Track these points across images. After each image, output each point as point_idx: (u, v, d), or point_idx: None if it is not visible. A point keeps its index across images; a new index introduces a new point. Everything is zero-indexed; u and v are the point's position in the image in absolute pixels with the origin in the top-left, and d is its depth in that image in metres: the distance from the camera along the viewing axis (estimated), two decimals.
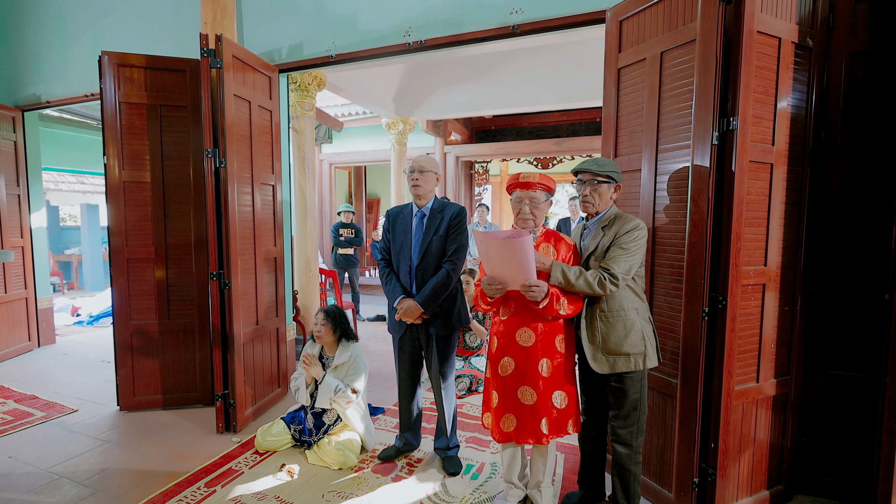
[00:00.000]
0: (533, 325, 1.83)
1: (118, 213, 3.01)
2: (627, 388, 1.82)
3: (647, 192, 2.09)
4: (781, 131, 1.92)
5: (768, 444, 2.06)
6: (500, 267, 1.74)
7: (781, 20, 1.87)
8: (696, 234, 1.87)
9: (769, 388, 2.02)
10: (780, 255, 1.98)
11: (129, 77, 2.98)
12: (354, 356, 2.62)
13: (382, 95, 5.64)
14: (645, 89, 2.09)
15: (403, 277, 2.32)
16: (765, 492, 2.07)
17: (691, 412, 1.93)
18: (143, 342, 3.11)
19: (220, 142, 2.68)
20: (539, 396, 1.82)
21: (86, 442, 2.72)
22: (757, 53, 1.81)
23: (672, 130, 1.98)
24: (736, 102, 1.79)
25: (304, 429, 2.60)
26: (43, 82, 4.21)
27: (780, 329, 2.02)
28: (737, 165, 1.80)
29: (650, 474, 2.15)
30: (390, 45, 2.87)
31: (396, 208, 2.44)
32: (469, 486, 2.26)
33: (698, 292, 1.87)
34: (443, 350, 2.34)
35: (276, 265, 3.25)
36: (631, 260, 1.76)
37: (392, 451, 2.53)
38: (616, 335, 1.79)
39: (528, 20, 2.54)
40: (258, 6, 3.26)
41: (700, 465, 1.95)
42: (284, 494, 2.19)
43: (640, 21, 2.12)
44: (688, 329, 1.92)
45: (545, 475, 2.04)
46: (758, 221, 1.90)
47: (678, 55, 1.95)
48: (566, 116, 7.34)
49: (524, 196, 1.85)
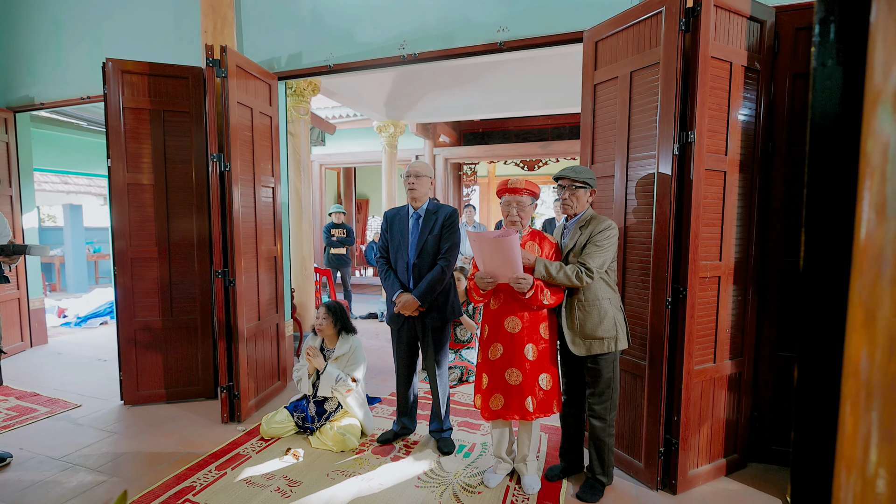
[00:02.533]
0: (520, 314, 2.06)
1: (122, 214, 3.14)
2: (602, 369, 2.07)
3: (619, 196, 2.35)
4: (734, 143, 2.20)
5: (724, 418, 2.34)
6: (491, 262, 1.97)
7: (733, 46, 2.14)
8: (660, 233, 2.13)
9: (725, 368, 2.30)
10: (734, 251, 2.26)
11: (133, 83, 3.11)
12: (354, 347, 2.81)
13: (374, 99, 5.82)
14: (617, 104, 2.35)
15: (401, 273, 2.53)
16: (722, 459, 2.35)
17: (657, 390, 2.19)
18: (146, 338, 3.25)
19: (224, 147, 2.84)
20: (525, 377, 2.06)
21: (94, 434, 2.84)
22: (711, 75, 2.08)
23: (641, 141, 2.24)
24: (693, 118, 2.06)
25: (306, 416, 2.79)
26: (37, 84, 4.27)
27: (734, 316, 2.31)
28: (694, 173, 2.06)
29: (623, 447, 2.41)
30: (386, 57, 3.08)
31: (394, 210, 2.65)
32: (462, 463, 2.48)
33: (662, 284, 2.13)
34: (438, 340, 2.56)
35: (276, 264, 3.42)
36: (604, 255, 2.01)
37: (390, 435, 2.73)
38: (592, 322, 2.04)
39: (513, 37, 2.78)
40: (259, 17, 3.42)
41: (665, 437, 2.21)
42: (292, 474, 2.37)
43: (613, 43, 2.38)
44: (654, 317, 2.18)
45: (530, 450, 2.27)
46: (713, 222, 2.18)
47: (646, 75, 2.21)
48: (551, 120, 7.64)
49: (512, 200, 2.08)
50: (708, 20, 2.04)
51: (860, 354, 0.52)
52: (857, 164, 0.58)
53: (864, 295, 0.52)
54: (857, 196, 0.58)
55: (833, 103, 0.65)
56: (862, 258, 0.53)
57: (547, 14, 2.67)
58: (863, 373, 0.52)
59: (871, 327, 0.51)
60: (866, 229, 0.52)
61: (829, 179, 0.68)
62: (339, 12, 3.18)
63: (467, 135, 8.34)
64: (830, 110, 0.65)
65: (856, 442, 0.57)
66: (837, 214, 0.65)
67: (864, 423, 0.54)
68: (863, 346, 0.51)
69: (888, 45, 0.48)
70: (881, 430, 0.51)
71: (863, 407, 0.54)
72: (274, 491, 2.21)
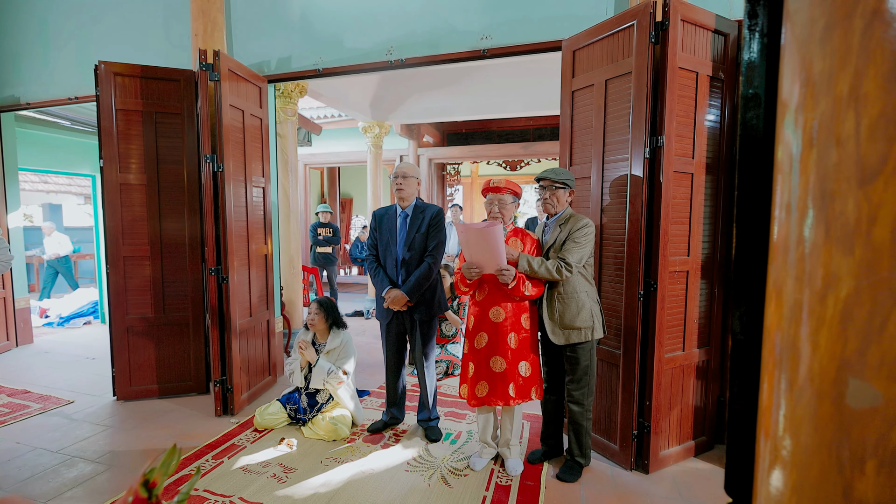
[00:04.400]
0: (503, 305, 2.21)
1: (115, 214, 3.19)
2: (580, 356, 2.23)
3: (596, 196, 2.51)
4: (700, 147, 2.37)
5: (693, 403, 2.52)
6: (478, 253, 2.11)
7: (699, 57, 2.31)
8: (633, 230, 2.30)
9: (693, 357, 2.47)
10: (701, 247, 2.44)
11: (125, 86, 3.17)
12: (344, 342, 2.92)
13: (360, 101, 5.91)
14: (593, 110, 2.51)
15: (390, 270, 2.65)
16: (691, 441, 2.53)
17: (631, 377, 2.35)
18: (139, 335, 3.30)
19: (218, 148, 2.92)
20: (507, 365, 2.20)
21: (89, 428, 2.90)
22: (679, 84, 2.25)
23: (615, 145, 2.41)
24: (663, 123, 2.22)
25: (298, 408, 2.89)
26: (23, 85, 4.27)
27: (702, 308, 2.48)
28: (664, 175, 2.23)
29: (600, 432, 2.57)
30: (374, 62, 3.19)
31: (382, 209, 2.77)
32: (449, 450, 2.62)
33: (635, 278, 2.29)
34: (425, 333, 2.69)
35: (267, 262, 3.51)
36: (582, 251, 2.16)
37: (380, 425, 2.85)
38: (570, 313, 2.19)
39: (496, 45, 2.92)
40: (248, 21, 3.50)
41: (638, 421, 2.38)
42: (287, 462, 2.47)
43: (590, 53, 2.54)
44: (627, 308, 2.34)
45: (513, 434, 2.42)
46: (682, 220, 2.35)
47: (619, 83, 2.37)
48: (533, 122, 7.82)
49: (494, 198, 2.23)
50: (676, 33, 2.20)
51: (773, 325, 0.67)
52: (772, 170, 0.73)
53: (775, 276, 0.67)
54: (771, 197, 0.73)
55: (755, 118, 0.80)
56: (775, 248, 0.68)
57: (528, 24, 2.82)
58: (776, 343, 0.67)
59: (779, 302, 0.66)
60: (777, 225, 0.67)
61: (753, 183, 0.83)
62: (327, 18, 3.28)
63: (451, 135, 8.47)
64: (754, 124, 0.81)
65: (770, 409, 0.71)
66: (760, 213, 0.81)
67: (776, 392, 0.68)
68: (775, 319, 0.66)
69: (792, 67, 0.62)
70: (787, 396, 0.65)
71: (775, 377, 0.68)
72: (270, 477, 2.32)
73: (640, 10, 2.23)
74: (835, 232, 0.62)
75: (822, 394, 0.62)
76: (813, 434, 0.63)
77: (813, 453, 0.64)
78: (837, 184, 0.60)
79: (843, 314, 0.60)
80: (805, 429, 0.64)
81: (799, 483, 0.65)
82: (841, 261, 0.61)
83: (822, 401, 0.62)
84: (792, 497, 0.64)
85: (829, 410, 0.62)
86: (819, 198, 0.62)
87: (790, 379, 0.65)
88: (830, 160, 0.61)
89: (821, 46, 0.59)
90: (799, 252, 0.64)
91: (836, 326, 0.61)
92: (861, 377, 0.59)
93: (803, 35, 0.56)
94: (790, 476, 0.66)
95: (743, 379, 0.77)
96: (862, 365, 0.59)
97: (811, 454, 0.64)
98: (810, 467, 0.65)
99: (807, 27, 0.55)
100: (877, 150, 0.57)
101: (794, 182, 0.63)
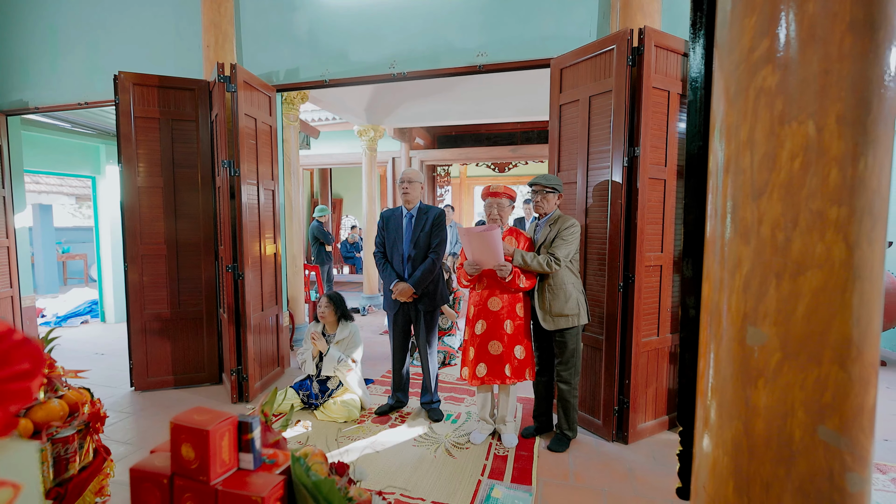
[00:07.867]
0: (500, 296, 2.50)
1: (133, 214, 3.39)
2: (567, 341, 2.53)
3: (581, 199, 2.82)
4: (672, 156, 2.69)
5: (666, 382, 2.85)
6: (479, 252, 2.40)
7: (670, 78, 2.64)
8: (613, 229, 2.61)
9: (667, 341, 2.80)
10: (673, 244, 2.76)
11: (143, 94, 3.37)
12: (353, 332, 3.18)
13: (356, 106, 6.14)
14: (579, 122, 2.81)
15: (397, 265, 2.92)
16: (664, 416, 2.86)
17: (612, 359, 2.67)
18: (155, 328, 3.51)
19: (234, 154, 3.15)
20: (504, 348, 2.49)
21: (112, 414, 3.09)
22: (653, 101, 2.57)
23: (598, 154, 2.72)
24: (639, 136, 2.54)
25: (310, 394, 3.14)
26: (31, 89, 4.40)
27: (674, 298, 2.81)
28: (640, 181, 2.55)
29: (585, 409, 2.88)
30: (378, 75, 3.45)
31: (389, 210, 3.03)
32: (450, 428, 2.90)
33: (615, 272, 2.61)
34: (428, 322, 2.96)
35: (276, 260, 3.74)
36: (569, 247, 2.46)
37: (386, 408, 3.11)
38: (559, 302, 2.49)
39: (491, 61, 3.21)
40: (258, 34, 3.73)
41: (619, 398, 2.69)
42: (303, 441, 2.72)
43: (575, 71, 2.84)
44: (609, 299, 2.66)
45: (509, 412, 2.71)
46: (656, 221, 2.67)
47: (601, 100, 2.68)
48: (521, 125, 8.14)
49: (493, 202, 2.52)
50: (650, 57, 2.52)
51: (707, 296, 0.96)
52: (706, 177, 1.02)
53: (707, 262, 0.96)
54: (705, 201, 1.04)
55: (695, 133, 1.11)
56: (708, 243, 0.98)
57: (520, 43, 3.12)
58: (709, 307, 0.96)
59: (709, 279, 0.97)
60: (709, 224, 0.97)
61: (695, 188, 1.14)
62: (334, 33, 3.53)
63: (441, 138, 8.75)
64: (694, 138, 1.12)
65: (705, 353, 1.00)
66: (699, 214, 1.11)
67: (708, 339, 0.97)
68: (707, 291, 0.95)
69: (718, 88, 0.90)
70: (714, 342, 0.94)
71: (708, 330, 0.97)
72: None
73: (620, 37, 2.54)
74: (740, 230, 0.94)
75: (733, 337, 0.94)
76: (729, 365, 0.95)
77: (728, 379, 0.95)
78: (741, 198, 0.92)
79: (744, 284, 0.92)
80: (724, 362, 0.96)
81: (720, 401, 0.97)
82: (743, 249, 0.94)
83: (733, 342, 0.94)
84: (716, 411, 0.95)
85: (738, 348, 0.94)
86: (731, 207, 0.94)
87: (716, 330, 0.97)
88: (738, 182, 0.93)
89: (732, 106, 0.90)
90: (720, 244, 0.95)
91: (740, 293, 0.93)
92: (755, 325, 0.91)
93: (723, 99, 0.88)
94: (714, 397, 0.97)
95: (689, 336, 1.08)
96: (755, 316, 0.91)
97: (727, 380, 0.95)
98: (726, 390, 0.96)
99: (723, 94, 0.87)
100: (762, 177, 0.89)
101: (718, 197, 0.93)
